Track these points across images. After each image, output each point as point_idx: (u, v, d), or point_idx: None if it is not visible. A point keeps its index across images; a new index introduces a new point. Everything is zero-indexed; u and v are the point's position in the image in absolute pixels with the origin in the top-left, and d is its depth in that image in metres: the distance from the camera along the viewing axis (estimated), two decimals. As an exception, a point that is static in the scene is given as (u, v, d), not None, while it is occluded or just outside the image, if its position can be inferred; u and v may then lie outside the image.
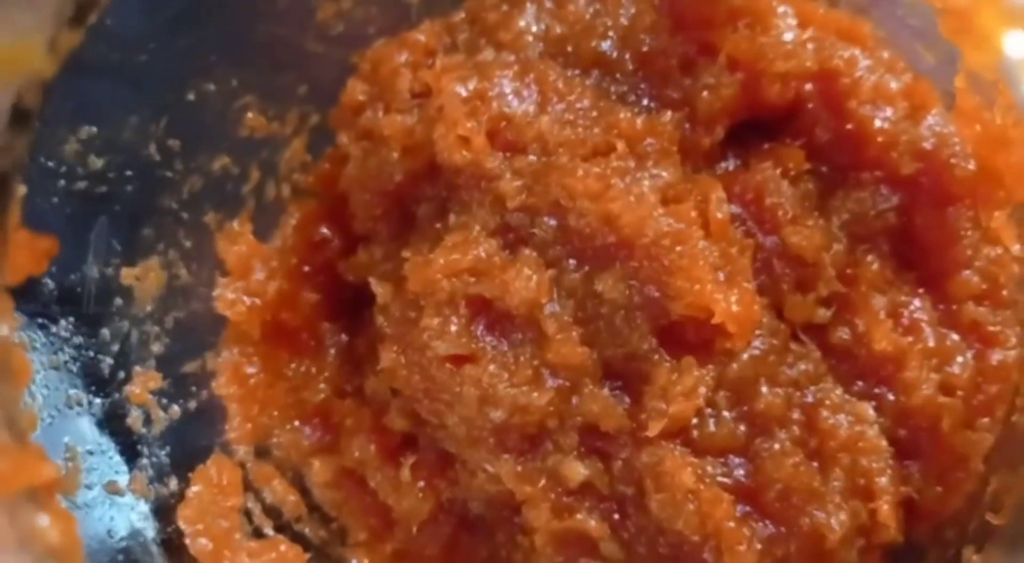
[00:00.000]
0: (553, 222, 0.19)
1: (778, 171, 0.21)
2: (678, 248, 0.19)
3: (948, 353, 0.18)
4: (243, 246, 0.21)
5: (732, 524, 0.19)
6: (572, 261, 0.20)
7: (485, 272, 0.19)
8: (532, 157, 0.20)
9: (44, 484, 0.10)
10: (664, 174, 0.20)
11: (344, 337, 0.23)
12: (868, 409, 0.19)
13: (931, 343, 0.18)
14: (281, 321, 0.22)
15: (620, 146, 0.20)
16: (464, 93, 0.19)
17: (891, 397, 0.18)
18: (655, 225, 0.19)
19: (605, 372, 0.20)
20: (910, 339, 0.18)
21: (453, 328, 0.19)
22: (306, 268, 0.22)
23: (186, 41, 0.17)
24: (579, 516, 0.20)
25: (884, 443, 0.18)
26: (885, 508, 0.17)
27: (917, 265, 0.20)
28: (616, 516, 0.20)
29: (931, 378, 0.17)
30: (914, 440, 0.18)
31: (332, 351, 0.23)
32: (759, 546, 0.19)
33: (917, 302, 0.18)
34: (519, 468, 0.20)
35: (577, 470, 0.20)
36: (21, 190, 0.11)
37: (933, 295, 0.19)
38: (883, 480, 0.17)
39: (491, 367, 0.19)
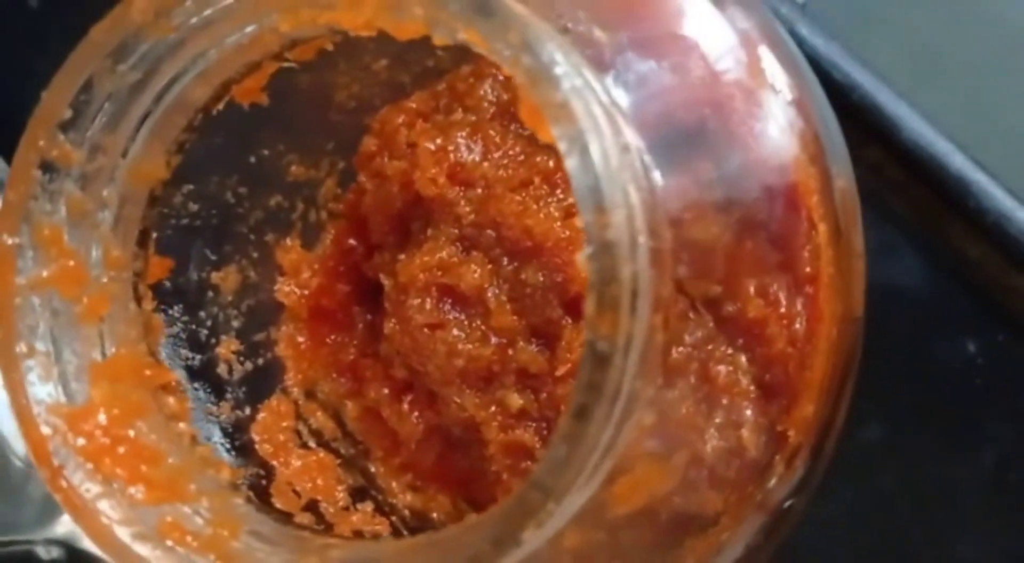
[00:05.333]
0: (492, 233, 0.28)
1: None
2: (570, 248, 0.27)
3: (793, 317, 0.25)
4: (294, 255, 0.30)
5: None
6: (506, 259, 0.28)
7: (448, 267, 0.28)
8: (479, 190, 0.28)
9: (167, 382, 0.19)
10: (569, 199, 0.28)
11: (368, 316, 0.32)
12: (742, 359, 0.26)
13: (783, 310, 0.25)
14: (323, 306, 0.31)
15: (537, 180, 0.28)
16: (432, 147, 0.28)
17: (759, 350, 0.22)
18: (556, 234, 0.27)
19: (532, 333, 0.28)
20: (771, 308, 0.22)
21: (427, 306, 0.28)
22: (340, 268, 0.31)
23: (247, 130, 0.26)
24: (518, 432, 0.28)
25: (752, 387, 0.25)
26: (746, 434, 0.22)
27: (782, 253, 0.27)
28: (545, 432, 0.29)
29: (783, 334, 0.22)
30: (774, 383, 0.24)
31: (360, 325, 0.32)
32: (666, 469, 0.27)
33: (778, 281, 0.25)
34: (476, 399, 0.28)
35: (515, 399, 0.28)
36: (154, 235, 0.20)
37: (789, 275, 0.26)
38: (748, 414, 0.22)
39: (454, 331, 0.28)
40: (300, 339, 0.30)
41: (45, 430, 0.16)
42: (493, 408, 0.30)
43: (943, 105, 0.35)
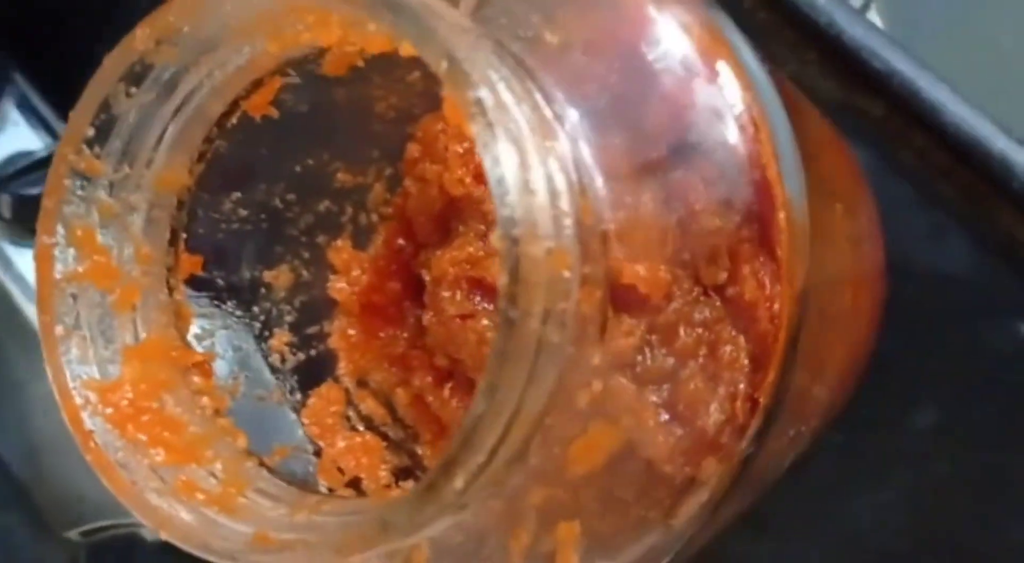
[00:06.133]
0: (517, 228, 0.30)
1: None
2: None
3: (773, 297, 0.26)
4: (345, 255, 0.33)
5: (652, 424, 0.28)
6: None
7: (476, 261, 0.30)
8: (503, 188, 0.30)
9: (196, 362, 0.22)
10: None
11: (419, 311, 0.34)
12: (741, 339, 0.28)
13: (767, 291, 0.26)
14: (374, 301, 0.33)
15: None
16: (460, 150, 0.30)
17: (752, 329, 0.25)
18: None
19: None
20: (760, 290, 0.23)
21: (458, 297, 0.30)
22: (391, 267, 0.34)
23: (289, 141, 0.29)
24: (550, 416, 0.30)
25: (746, 362, 0.27)
26: (739, 405, 0.23)
27: (764, 240, 0.28)
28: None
29: (767, 313, 0.23)
30: (759, 357, 0.26)
31: (411, 320, 0.34)
32: (672, 441, 0.28)
33: (765, 268, 0.26)
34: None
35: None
36: (183, 237, 0.23)
37: (769, 259, 0.27)
38: (741, 387, 0.23)
39: (483, 320, 0.30)
40: (352, 332, 0.32)
41: (78, 400, 0.18)
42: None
43: (986, 87, 0.35)
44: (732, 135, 0.20)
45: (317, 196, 0.31)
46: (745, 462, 0.20)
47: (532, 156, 0.17)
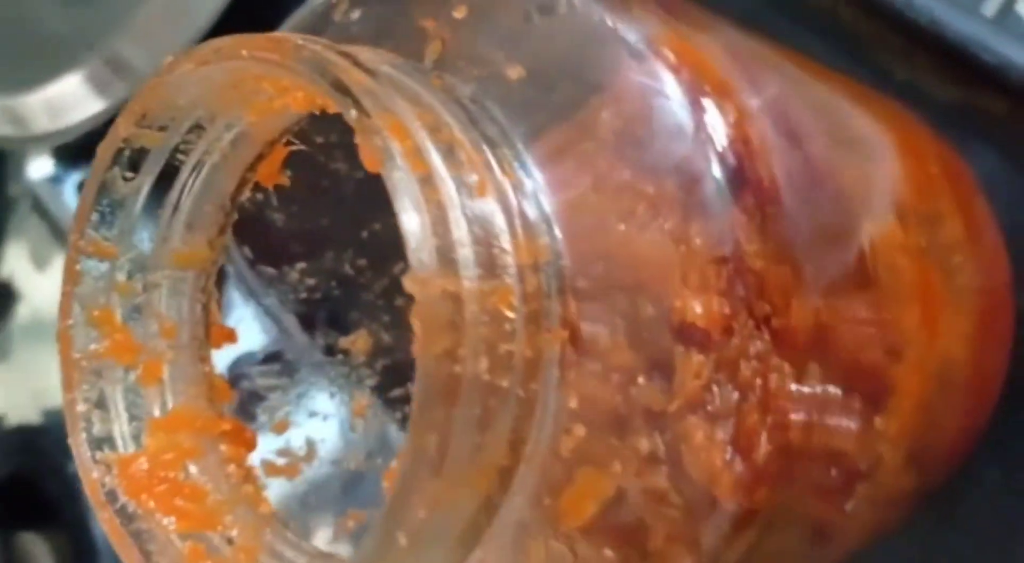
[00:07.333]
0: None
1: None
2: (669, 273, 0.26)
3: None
4: (428, 317, 0.33)
5: (719, 464, 0.26)
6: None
7: None
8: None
9: (225, 430, 0.22)
10: (670, 222, 0.28)
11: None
12: (786, 366, 0.25)
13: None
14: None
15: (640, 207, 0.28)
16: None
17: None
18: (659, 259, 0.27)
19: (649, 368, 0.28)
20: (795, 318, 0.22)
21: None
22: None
23: (351, 208, 0.29)
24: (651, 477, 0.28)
25: (794, 388, 0.24)
26: (791, 434, 0.22)
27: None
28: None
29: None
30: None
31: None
32: (735, 477, 0.26)
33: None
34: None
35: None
36: (212, 309, 0.24)
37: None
38: (794, 417, 0.22)
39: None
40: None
41: (95, 474, 0.19)
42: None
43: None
44: (716, 168, 0.19)
45: (391, 259, 0.31)
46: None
47: (454, 198, 0.16)
